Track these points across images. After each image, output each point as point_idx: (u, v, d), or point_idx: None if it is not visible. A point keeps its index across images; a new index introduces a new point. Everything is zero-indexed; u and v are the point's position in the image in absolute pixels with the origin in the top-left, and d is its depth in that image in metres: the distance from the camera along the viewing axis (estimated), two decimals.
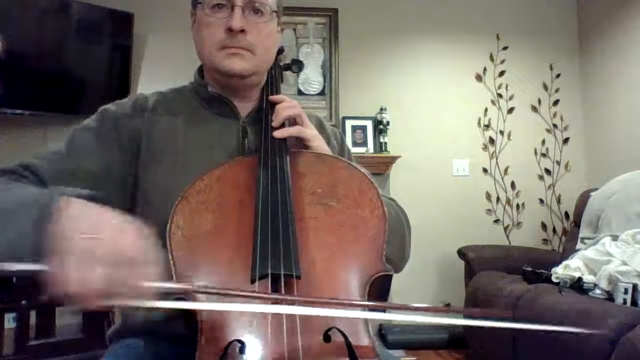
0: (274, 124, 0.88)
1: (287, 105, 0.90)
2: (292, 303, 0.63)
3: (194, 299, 0.64)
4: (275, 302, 0.62)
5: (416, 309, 0.63)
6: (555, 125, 3.37)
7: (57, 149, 0.83)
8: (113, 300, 0.54)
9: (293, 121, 0.90)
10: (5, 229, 0.60)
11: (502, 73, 3.36)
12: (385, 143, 3.12)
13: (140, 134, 0.87)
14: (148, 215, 0.82)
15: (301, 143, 0.88)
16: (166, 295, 0.60)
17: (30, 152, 0.82)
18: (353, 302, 0.68)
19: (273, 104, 0.91)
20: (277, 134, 0.86)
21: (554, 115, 3.38)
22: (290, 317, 0.62)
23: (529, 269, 2.29)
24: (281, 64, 1.06)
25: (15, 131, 2.78)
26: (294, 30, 3.25)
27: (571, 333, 1.43)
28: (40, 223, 0.56)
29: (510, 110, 3.35)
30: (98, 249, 0.53)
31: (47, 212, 0.57)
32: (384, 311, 0.71)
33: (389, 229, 0.75)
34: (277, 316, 0.62)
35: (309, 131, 0.88)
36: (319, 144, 0.88)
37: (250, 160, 0.82)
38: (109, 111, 0.89)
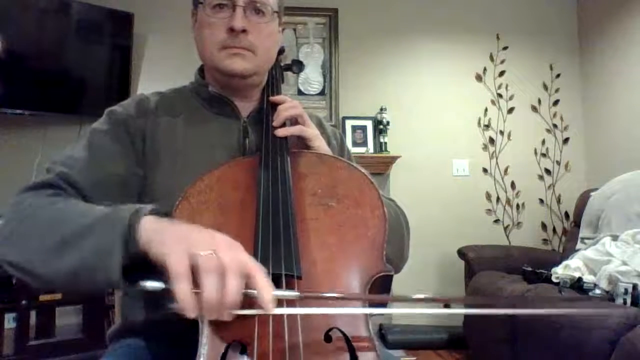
0: (274, 123, 0.88)
1: (288, 105, 0.90)
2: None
3: None
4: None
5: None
6: (555, 125, 3.37)
7: (79, 155, 0.82)
8: (244, 310, 0.57)
9: (294, 121, 0.90)
10: (78, 247, 0.62)
11: (502, 73, 3.36)
12: (385, 143, 3.12)
13: (145, 134, 0.87)
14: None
15: (302, 143, 0.88)
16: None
17: (31, 152, 0.82)
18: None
19: (274, 105, 0.92)
20: (280, 132, 0.87)
21: (554, 115, 3.38)
22: (292, 317, 0.62)
23: (529, 269, 2.29)
24: (282, 64, 1.06)
25: (15, 131, 2.78)
26: (294, 30, 3.25)
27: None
28: (127, 243, 0.60)
29: (510, 110, 3.35)
30: (226, 263, 0.56)
31: (131, 228, 0.61)
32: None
33: (389, 229, 0.75)
34: (278, 317, 0.62)
35: (311, 131, 0.89)
36: (320, 144, 0.88)
37: (251, 161, 0.82)
38: (116, 113, 0.89)
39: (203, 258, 0.56)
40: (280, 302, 0.62)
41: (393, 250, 0.81)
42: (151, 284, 0.58)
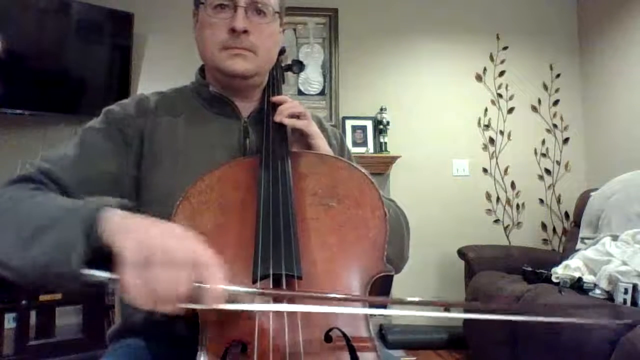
0: (275, 118, 0.88)
1: (289, 105, 0.90)
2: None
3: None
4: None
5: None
6: (555, 125, 3.37)
7: (69, 153, 0.82)
8: (189, 305, 0.56)
9: (297, 118, 0.90)
10: (48, 238, 0.62)
11: (502, 73, 3.36)
12: (385, 143, 3.12)
13: (144, 134, 0.87)
14: (149, 215, 0.82)
15: (304, 141, 0.88)
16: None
17: (31, 152, 0.82)
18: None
19: (275, 105, 0.92)
20: (286, 121, 0.87)
21: (554, 115, 3.38)
22: (292, 317, 0.63)
23: (529, 269, 2.29)
24: (282, 64, 1.06)
25: (15, 131, 2.78)
26: (294, 30, 3.25)
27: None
28: (89, 236, 0.59)
29: (510, 110, 3.35)
30: (177, 254, 0.55)
31: (92, 223, 0.60)
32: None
33: (389, 229, 0.75)
34: (278, 317, 0.62)
35: (314, 128, 0.89)
36: (321, 142, 0.88)
37: (252, 161, 0.82)
38: (113, 112, 0.89)
39: (153, 249, 0.55)
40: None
41: (393, 251, 0.81)
42: (99, 274, 0.57)
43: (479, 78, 3.34)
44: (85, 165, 0.81)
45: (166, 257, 0.55)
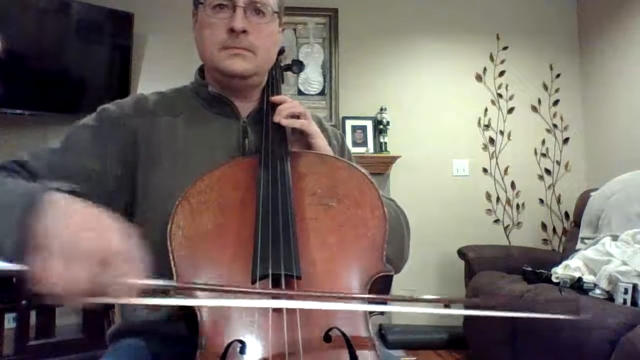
0: (274, 119, 0.88)
1: (289, 105, 0.90)
2: (291, 298, 0.63)
3: (193, 297, 0.64)
4: (275, 297, 0.63)
5: (417, 300, 0.63)
6: (555, 125, 3.37)
7: (54, 147, 0.83)
8: (99, 298, 0.54)
9: (296, 118, 0.90)
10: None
11: (502, 73, 3.36)
12: (385, 143, 3.12)
13: (140, 134, 0.87)
14: (149, 215, 0.82)
15: (304, 140, 0.88)
16: (163, 292, 0.60)
17: (28, 152, 0.82)
18: (352, 295, 0.68)
19: (274, 105, 0.92)
20: (285, 122, 0.87)
21: (554, 115, 3.38)
22: (291, 318, 0.63)
23: (529, 269, 2.29)
24: (282, 64, 1.06)
25: (15, 131, 2.78)
26: (294, 30, 3.25)
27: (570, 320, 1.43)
28: (24, 218, 0.56)
29: (510, 110, 3.35)
30: (83, 246, 0.53)
31: (32, 208, 0.57)
32: (385, 303, 0.71)
33: (389, 229, 0.75)
34: (277, 317, 0.62)
35: (314, 127, 0.89)
36: (321, 142, 0.88)
37: (251, 161, 0.82)
38: (108, 111, 0.89)
39: (58, 240, 0.53)
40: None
41: (393, 251, 0.81)
42: (4, 265, 0.55)
43: (479, 78, 3.34)
44: (63, 155, 0.81)
45: (70, 248, 0.52)
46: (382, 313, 0.71)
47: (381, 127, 3.13)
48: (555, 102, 3.38)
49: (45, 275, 0.52)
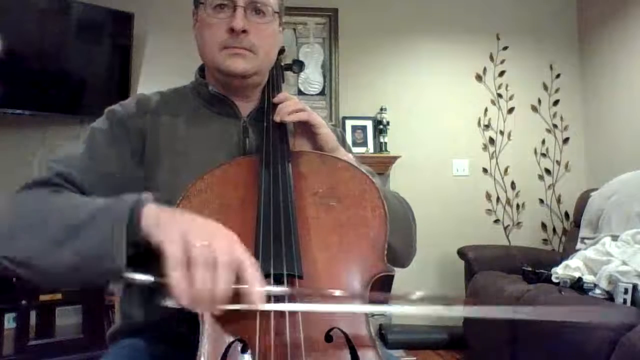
0: (275, 119, 0.88)
1: (289, 103, 0.90)
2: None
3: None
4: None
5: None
6: (555, 125, 3.37)
7: (79, 154, 0.82)
8: (234, 305, 0.57)
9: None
10: (77, 241, 0.61)
11: (502, 73, 3.36)
12: (385, 143, 3.12)
13: (145, 134, 0.87)
14: None
15: (309, 131, 0.88)
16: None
17: (31, 152, 0.82)
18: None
19: (275, 105, 0.92)
20: (289, 117, 0.87)
21: (554, 115, 3.38)
22: (293, 318, 0.62)
23: (529, 269, 2.29)
24: (282, 64, 1.06)
25: (15, 131, 2.78)
26: (294, 30, 3.25)
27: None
28: (128, 228, 0.59)
29: (510, 110, 3.35)
30: (219, 254, 0.56)
31: (133, 217, 0.60)
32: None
33: (392, 220, 0.75)
34: (279, 317, 0.62)
35: (319, 118, 0.89)
36: (327, 131, 0.88)
37: (252, 160, 0.82)
38: (116, 112, 0.89)
39: (197, 248, 0.56)
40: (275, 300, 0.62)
41: (400, 239, 0.82)
42: (140, 277, 0.57)
43: (479, 78, 3.34)
44: (93, 168, 0.81)
45: (210, 256, 0.55)
46: (382, 313, 0.71)
47: (381, 127, 3.13)
48: (555, 102, 3.38)
49: (185, 286, 0.54)
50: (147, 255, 0.60)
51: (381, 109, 3.15)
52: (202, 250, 0.56)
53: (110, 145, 0.84)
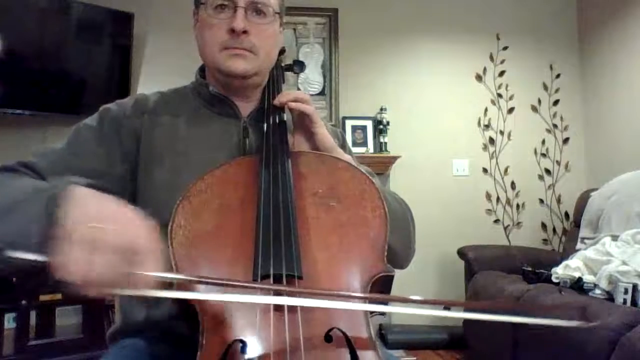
0: (279, 99, 0.88)
1: (292, 91, 0.91)
2: (292, 295, 0.63)
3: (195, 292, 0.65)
4: (277, 293, 0.63)
5: (417, 302, 0.63)
6: (555, 125, 3.37)
7: (58, 148, 0.84)
8: (115, 289, 0.55)
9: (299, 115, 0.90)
10: (15, 216, 0.62)
11: (502, 73, 3.36)
12: (385, 143, 3.12)
13: (140, 134, 0.87)
14: (149, 215, 0.82)
15: (307, 127, 0.88)
16: (168, 286, 0.61)
17: (31, 152, 0.82)
18: (353, 294, 0.68)
19: (275, 105, 0.92)
20: (292, 105, 0.87)
21: (554, 115, 3.38)
22: (292, 317, 0.62)
23: (529, 269, 2.29)
24: (283, 64, 1.06)
25: (15, 131, 2.78)
26: (294, 30, 3.25)
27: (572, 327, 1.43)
28: (48, 209, 0.58)
29: (510, 110, 3.35)
30: (105, 236, 0.54)
31: (55, 199, 0.58)
32: (385, 304, 0.71)
33: (391, 220, 0.75)
34: (278, 316, 0.62)
35: (319, 117, 0.88)
36: (323, 130, 0.88)
37: (252, 160, 0.82)
38: (109, 111, 0.89)
39: (81, 229, 0.54)
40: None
41: (399, 239, 0.81)
42: (26, 255, 0.55)
43: (478, 78, 3.34)
44: (69, 160, 0.82)
45: (92, 238, 0.53)
46: (382, 313, 0.71)
47: (381, 127, 3.13)
48: (555, 102, 3.38)
49: (65, 263, 0.52)
50: None
51: (381, 109, 3.15)
52: (89, 230, 0.54)
53: (97, 143, 0.84)
